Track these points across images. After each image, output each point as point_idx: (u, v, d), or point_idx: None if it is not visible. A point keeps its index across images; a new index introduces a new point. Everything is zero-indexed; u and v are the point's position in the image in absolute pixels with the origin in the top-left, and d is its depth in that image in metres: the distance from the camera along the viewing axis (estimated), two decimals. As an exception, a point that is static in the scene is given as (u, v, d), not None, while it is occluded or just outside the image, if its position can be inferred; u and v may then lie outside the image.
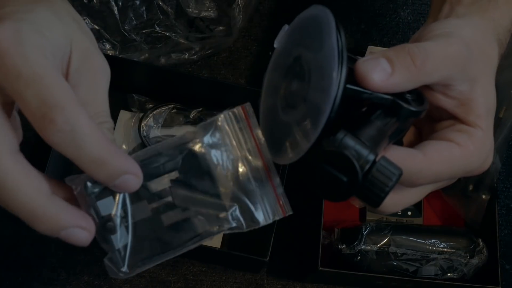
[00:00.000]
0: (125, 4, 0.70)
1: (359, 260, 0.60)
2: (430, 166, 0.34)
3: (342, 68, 0.30)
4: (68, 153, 0.29)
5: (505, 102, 0.64)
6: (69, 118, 0.28)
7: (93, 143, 0.29)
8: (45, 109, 0.28)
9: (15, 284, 0.63)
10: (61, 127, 0.28)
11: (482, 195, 0.65)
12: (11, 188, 0.29)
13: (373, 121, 0.33)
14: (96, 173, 0.29)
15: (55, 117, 0.28)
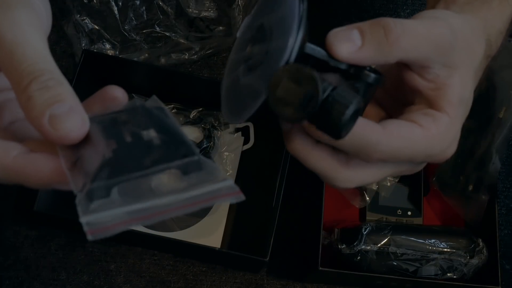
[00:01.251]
0: (125, 4, 0.70)
1: (359, 260, 0.60)
2: (388, 141, 0.34)
3: (301, 21, 0.30)
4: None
5: (505, 102, 0.64)
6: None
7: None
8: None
9: (15, 284, 0.63)
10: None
11: (482, 195, 0.65)
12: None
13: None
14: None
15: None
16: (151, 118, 0.32)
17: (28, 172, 0.29)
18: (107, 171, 0.28)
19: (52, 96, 0.29)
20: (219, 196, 0.29)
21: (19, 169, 0.29)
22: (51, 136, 0.28)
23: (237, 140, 0.70)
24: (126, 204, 0.28)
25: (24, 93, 0.28)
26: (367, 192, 0.68)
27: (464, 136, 0.67)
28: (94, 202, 0.27)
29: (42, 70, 0.29)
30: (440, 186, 0.70)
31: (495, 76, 0.66)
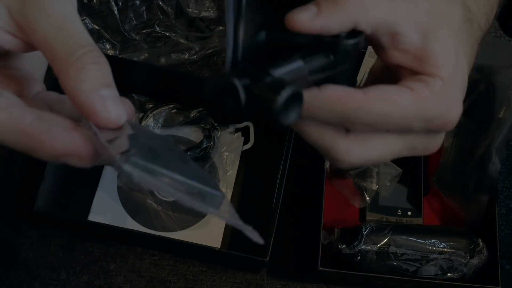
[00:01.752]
0: (125, 4, 0.70)
1: (359, 260, 0.60)
2: (371, 105, 0.32)
3: (239, 16, 0.30)
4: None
5: (505, 102, 0.64)
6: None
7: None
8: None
9: (15, 284, 0.63)
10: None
11: (482, 195, 0.65)
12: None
13: (297, 59, 0.31)
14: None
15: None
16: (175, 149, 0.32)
17: (44, 139, 0.28)
18: (147, 157, 0.28)
19: (104, 76, 0.29)
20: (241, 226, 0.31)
21: (34, 134, 0.28)
22: (98, 115, 0.28)
23: (237, 140, 0.70)
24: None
25: (76, 64, 0.28)
26: (367, 192, 0.68)
27: (464, 136, 0.68)
28: (133, 163, 0.27)
29: (95, 46, 0.29)
30: (440, 186, 0.70)
31: (495, 76, 0.66)
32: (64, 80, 0.28)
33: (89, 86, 0.28)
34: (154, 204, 0.66)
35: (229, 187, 0.68)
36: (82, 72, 0.28)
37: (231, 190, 0.68)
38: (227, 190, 0.67)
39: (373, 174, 0.68)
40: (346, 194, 0.69)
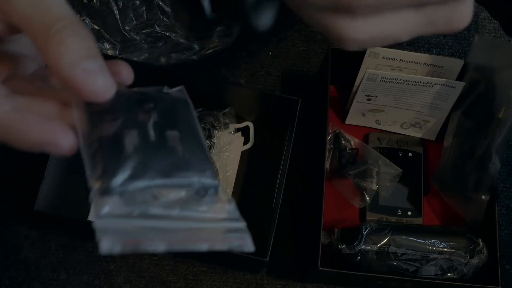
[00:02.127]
0: (125, 4, 0.70)
1: (359, 260, 0.60)
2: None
3: None
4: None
5: (505, 102, 0.64)
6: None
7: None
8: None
9: (15, 284, 0.63)
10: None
11: (482, 195, 0.65)
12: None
13: None
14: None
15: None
16: (177, 115, 0.30)
17: (18, 128, 0.28)
18: (128, 171, 0.27)
19: (86, 47, 0.27)
20: (228, 240, 0.29)
21: (9, 124, 0.28)
22: (82, 88, 0.27)
23: (237, 140, 0.70)
24: (142, 218, 0.26)
25: (55, 38, 0.27)
26: (367, 192, 0.68)
27: (464, 136, 0.68)
28: (109, 205, 0.26)
29: (74, 18, 0.28)
30: (440, 186, 0.70)
31: (495, 76, 0.66)
32: (45, 56, 0.28)
33: (70, 60, 0.27)
34: (154, 204, 0.66)
35: (229, 187, 0.68)
36: (62, 46, 0.27)
37: (231, 190, 0.68)
38: (227, 190, 0.67)
39: (373, 174, 0.68)
40: (346, 194, 0.69)
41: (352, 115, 0.72)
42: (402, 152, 0.72)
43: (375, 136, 0.72)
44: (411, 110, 0.69)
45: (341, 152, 0.68)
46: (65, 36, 0.27)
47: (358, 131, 0.73)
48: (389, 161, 0.68)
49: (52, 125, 0.28)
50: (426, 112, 0.69)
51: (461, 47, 0.79)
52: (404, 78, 0.65)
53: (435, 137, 0.73)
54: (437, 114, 0.70)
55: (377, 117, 0.72)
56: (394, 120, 0.72)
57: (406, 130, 0.73)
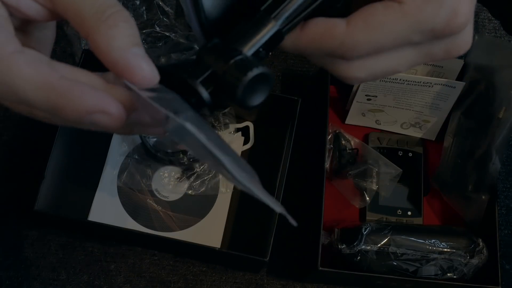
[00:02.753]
0: (125, 4, 0.70)
1: (359, 260, 0.60)
2: (354, 36, 0.30)
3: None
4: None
5: (505, 102, 0.64)
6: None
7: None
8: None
9: (15, 284, 0.63)
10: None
11: (482, 195, 0.65)
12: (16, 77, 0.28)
13: (267, 21, 0.30)
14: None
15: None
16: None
17: (72, 95, 0.27)
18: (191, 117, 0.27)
19: (135, 35, 0.28)
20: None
21: (63, 90, 0.27)
22: (133, 71, 0.28)
23: (237, 140, 0.70)
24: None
25: (107, 22, 0.28)
26: (367, 192, 0.68)
27: (464, 136, 0.68)
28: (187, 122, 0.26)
29: (122, 7, 0.29)
30: (440, 186, 0.70)
31: (495, 76, 0.66)
32: (95, 39, 0.28)
33: (122, 43, 0.28)
34: (154, 204, 0.66)
35: (229, 187, 0.68)
36: (115, 29, 0.28)
37: (231, 190, 0.68)
38: (227, 190, 0.67)
39: (373, 174, 0.68)
40: (346, 194, 0.69)
41: (352, 115, 0.72)
42: (402, 152, 0.72)
43: (375, 136, 0.72)
44: (411, 110, 0.69)
45: (341, 152, 0.68)
46: (118, 20, 0.28)
47: (358, 131, 0.73)
48: (389, 161, 0.68)
49: (103, 94, 0.28)
50: (426, 112, 0.69)
51: (461, 47, 0.79)
52: (404, 78, 0.65)
53: (435, 137, 0.73)
54: (437, 114, 0.70)
55: (377, 117, 0.72)
56: (394, 120, 0.72)
57: (406, 130, 0.73)
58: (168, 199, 0.66)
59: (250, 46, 0.30)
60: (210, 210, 0.66)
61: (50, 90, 0.27)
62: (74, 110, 0.28)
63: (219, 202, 0.67)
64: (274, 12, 0.30)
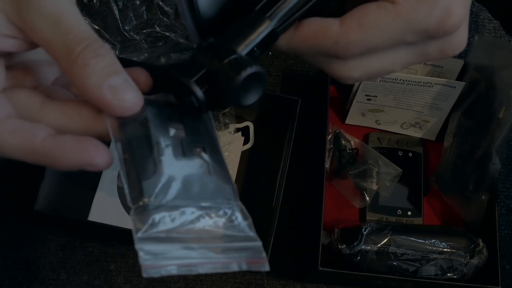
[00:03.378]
0: (125, 4, 0.70)
1: (359, 260, 0.60)
2: (348, 36, 0.30)
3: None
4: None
5: (505, 102, 0.64)
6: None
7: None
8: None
9: (15, 284, 0.63)
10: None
11: (482, 195, 0.65)
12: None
13: (263, 20, 0.30)
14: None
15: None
16: (202, 129, 0.31)
17: (57, 155, 0.29)
18: (164, 191, 0.28)
19: (108, 65, 0.28)
20: (244, 260, 0.29)
21: (46, 152, 0.29)
22: (111, 106, 0.28)
23: (237, 140, 0.70)
24: (177, 243, 0.28)
25: (78, 61, 0.28)
26: (367, 192, 0.68)
27: (464, 136, 0.68)
28: (154, 226, 0.27)
29: (93, 38, 0.29)
30: (440, 186, 0.70)
31: (495, 76, 0.66)
32: (71, 79, 0.28)
33: (96, 81, 0.28)
34: (154, 204, 0.66)
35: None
36: (85, 69, 0.28)
37: (231, 190, 0.68)
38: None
39: (373, 174, 0.68)
40: (346, 194, 0.69)
41: (352, 115, 0.72)
42: (402, 152, 0.72)
43: (375, 136, 0.72)
44: (411, 110, 0.69)
45: (341, 152, 0.68)
46: (88, 58, 0.28)
47: (358, 131, 0.73)
48: (389, 161, 0.68)
49: (87, 146, 0.29)
50: (426, 112, 0.69)
51: (461, 47, 0.79)
52: (404, 78, 0.65)
53: (435, 137, 0.73)
54: (437, 114, 0.70)
55: (377, 117, 0.72)
56: (394, 120, 0.72)
57: (406, 130, 0.73)
58: (168, 199, 0.66)
59: (245, 45, 0.30)
60: (210, 210, 0.66)
61: (35, 154, 0.29)
62: (63, 166, 0.29)
63: (219, 202, 0.67)
64: (269, 11, 0.30)
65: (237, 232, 0.30)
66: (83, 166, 0.29)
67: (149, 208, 0.27)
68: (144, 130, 0.29)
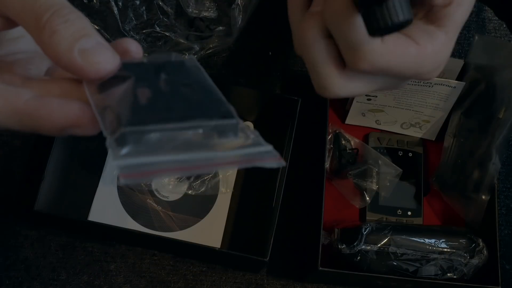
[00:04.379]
0: (125, 4, 0.70)
1: (359, 260, 0.60)
2: (383, 53, 0.34)
3: None
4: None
5: (505, 102, 0.64)
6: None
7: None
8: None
9: (15, 284, 0.63)
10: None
11: (482, 195, 0.65)
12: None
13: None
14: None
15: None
16: (189, 75, 0.30)
17: (42, 115, 0.28)
18: (141, 117, 0.26)
19: (78, 30, 0.27)
20: (259, 159, 0.27)
21: (32, 112, 0.28)
22: (84, 70, 0.27)
23: (237, 140, 0.70)
24: (162, 153, 0.26)
25: (46, 29, 0.27)
26: (367, 192, 0.68)
27: (464, 136, 0.68)
28: (127, 147, 0.25)
29: (61, 4, 0.28)
30: (440, 186, 0.70)
31: (495, 76, 0.66)
32: (43, 50, 0.28)
33: (65, 47, 0.27)
34: (154, 204, 0.66)
35: (229, 187, 0.68)
36: (54, 36, 0.27)
37: (231, 190, 0.68)
38: (227, 190, 0.67)
39: (373, 174, 0.68)
40: (346, 194, 0.69)
41: (352, 115, 0.72)
42: (402, 152, 0.72)
43: (375, 136, 0.72)
44: (411, 110, 0.69)
45: (341, 152, 0.68)
46: (55, 24, 0.27)
47: (358, 131, 0.73)
48: (389, 161, 0.68)
49: (72, 106, 0.28)
50: (426, 112, 0.69)
51: (461, 47, 0.79)
52: (404, 78, 0.65)
53: (435, 137, 0.73)
54: (437, 114, 0.70)
55: (377, 117, 0.72)
56: (394, 120, 0.72)
57: (406, 130, 0.73)
58: (168, 199, 0.66)
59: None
60: (210, 210, 0.66)
61: (20, 115, 0.28)
62: (48, 129, 0.28)
63: (219, 202, 0.67)
64: None
65: (239, 140, 0.28)
66: (69, 127, 0.28)
67: (127, 137, 0.26)
68: (122, 82, 0.28)
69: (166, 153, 0.26)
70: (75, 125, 0.28)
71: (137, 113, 0.26)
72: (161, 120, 0.26)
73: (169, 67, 0.30)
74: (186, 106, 0.28)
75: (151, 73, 0.29)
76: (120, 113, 0.26)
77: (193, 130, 0.27)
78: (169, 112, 0.27)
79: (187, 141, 0.27)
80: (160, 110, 0.27)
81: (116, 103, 0.27)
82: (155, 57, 0.31)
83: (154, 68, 0.30)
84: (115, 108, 0.27)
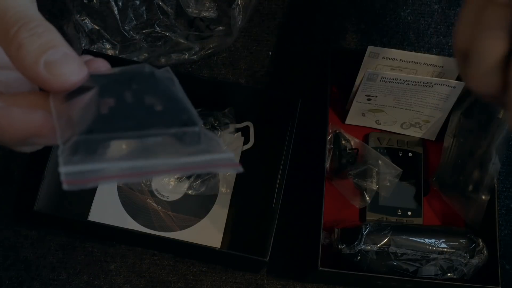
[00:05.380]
0: (125, 4, 0.70)
1: (359, 260, 0.60)
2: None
3: None
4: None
5: (505, 102, 0.64)
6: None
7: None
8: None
9: (15, 284, 0.63)
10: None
11: (482, 195, 0.65)
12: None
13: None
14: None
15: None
16: (158, 86, 0.30)
17: (3, 124, 0.28)
18: (99, 126, 0.26)
19: (44, 43, 0.27)
20: (216, 165, 0.27)
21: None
22: (49, 83, 0.27)
23: (237, 140, 0.70)
24: (111, 160, 0.26)
25: (13, 43, 0.27)
26: (367, 192, 0.68)
27: (464, 136, 0.68)
28: (78, 155, 0.26)
29: (29, 17, 0.28)
30: (440, 186, 0.70)
31: (495, 76, 0.66)
32: (11, 62, 0.28)
33: (31, 60, 0.27)
34: (154, 204, 0.66)
35: (229, 187, 0.68)
36: (21, 49, 0.27)
37: (231, 190, 0.68)
38: (227, 190, 0.67)
39: (373, 174, 0.68)
40: (346, 194, 0.69)
41: (352, 115, 0.72)
42: (402, 152, 0.72)
43: (375, 136, 0.72)
44: (411, 110, 0.69)
45: (341, 152, 0.68)
46: (22, 38, 0.27)
47: (358, 131, 0.73)
48: (389, 161, 0.68)
49: (33, 116, 0.28)
50: (426, 112, 0.69)
51: (461, 47, 0.79)
52: (404, 78, 0.65)
53: (435, 137, 0.73)
54: (437, 114, 0.70)
55: (377, 117, 0.72)
56: (394, 120, 0.72)
57: (406, 130, 0.73)
58: (168, 199, 0.66)
59: None
60: (210, 210, 0.66)
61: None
62: (10, 139, 0.28)
63: (219, 202, 0.67)
64: None
65: (200, 147, 0.28)
66: (31, 136, 0.28)
67: (80, 142, 0.26)
68: (87, 99, 0.28)
69: (114, 160, 0.26)
70: (37, 134, 0.28)
71: (95, 123, 0.26)
72: (118, 129, 0.27)
73: (138, 78, 0.30)
74: (147, 115, 0.28)
75: (118, 84, 0.29)
76: (78, 123, 0.27)
77: (153, 138, 0.27)
78: (128, 121, 0.27)
79: (146, 148, 0.27)
80: (120, 119, 0.27)
81: (76, 113, 0.27)
82: (127, 68, 0.31)
83: (124, 79, 0.30)
84: (75, 118, 0.27)
